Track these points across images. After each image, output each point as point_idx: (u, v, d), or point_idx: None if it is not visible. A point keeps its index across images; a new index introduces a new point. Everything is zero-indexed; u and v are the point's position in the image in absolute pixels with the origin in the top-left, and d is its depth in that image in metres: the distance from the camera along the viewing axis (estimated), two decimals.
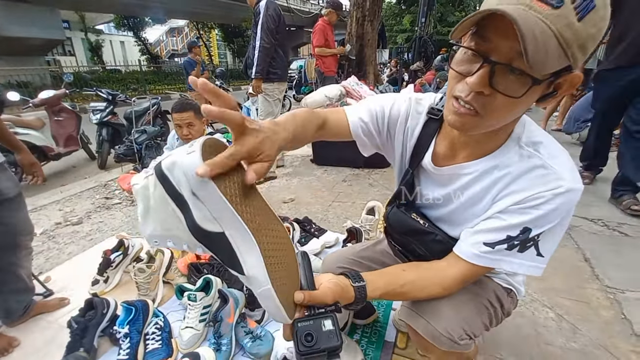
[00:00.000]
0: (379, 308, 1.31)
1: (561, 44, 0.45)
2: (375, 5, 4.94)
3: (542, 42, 0.43)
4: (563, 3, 0.43)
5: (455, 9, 14.24)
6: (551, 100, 0.54)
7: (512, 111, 0.54)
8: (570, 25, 0.44)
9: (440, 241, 0.72)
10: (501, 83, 0.49)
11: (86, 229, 2.31)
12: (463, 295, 0.72)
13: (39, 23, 11.52)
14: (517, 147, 0.62)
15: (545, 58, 0.45)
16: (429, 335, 0.69)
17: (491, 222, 0.63)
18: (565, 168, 0.59)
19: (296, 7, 23.87)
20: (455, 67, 0.54)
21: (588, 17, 0.44)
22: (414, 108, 0.75)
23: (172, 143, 2.14)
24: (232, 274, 0.51)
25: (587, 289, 1.43)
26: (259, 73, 2.68)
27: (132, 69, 15.06)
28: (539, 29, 0.43)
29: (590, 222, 1.99)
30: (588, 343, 1.16)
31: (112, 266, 1.59)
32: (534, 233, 0.60)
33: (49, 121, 3.88)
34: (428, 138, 0.73)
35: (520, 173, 0.61)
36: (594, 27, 0.45)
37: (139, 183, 0.50)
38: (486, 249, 0.63)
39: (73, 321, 1.18)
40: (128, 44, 26.63)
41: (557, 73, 0.49)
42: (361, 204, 2.35)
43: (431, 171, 0.73)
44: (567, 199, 0.57)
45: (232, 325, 1.17)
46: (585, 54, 0.47)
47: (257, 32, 2.64)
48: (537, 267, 0.63)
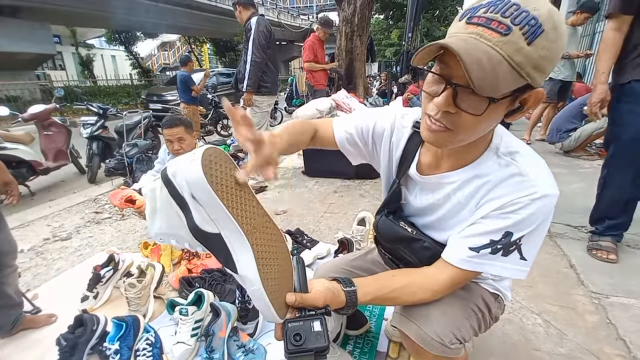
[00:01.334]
0: (370, 319, 1.32)
1: (513, 67, 0.49)
2: (363, 20, 5.09)
3: (490, 68, 0.48)
4: (511, 30, 0.48)
5: (441, 24, 14.71)
6: (519, 114, 0.59)
7: (480, 126, 0.58)
8: (520, 50, 0.48)
9: (429, 248, 0.75)
10: (464, 102, 0.54)
11: (75, 244, 2.28)
12: (452, 300, 0.74)
13: (29, 37, 11.51)
14: (495, 156, 0.66)
15: (495, 82, 0.49)
16: (420, 339, 0.71)
17: (475, 228, 0.67)
18: (540, 175, 0.63)
19: (287, 22, 24.35)
20: (425, 89, 0.60)
21: (537, 41, 0.48)
22: (399, 122, 0.80)
23: (164, 157, 2.15)
24: (225, 287, 0.55)
25: (573, 294, 1.47)
26: (250, 86, 2.74)
27: (123, 82, 15.03)
28: (487, 56, 0.48)
29: (574, 230, 2.05)
30: (575, 348, 1.19)
31: (102, 282, 1.57)
32: (515, 237, 0.63)
33: (39, 135, 3.85)
34: (413, 149, 0.77)
35: (499, 181, 0.65)
36: (545, 49, 0.49)
37: (147, 186, 0.57)
38: (472, 253, 0.66)
39: (62, 338, 1.15)
40: (119, 58, 26.64)
41: (519, 90, 0.53)
42: (352, 215, 2.38)
43: (418, 180, 0.77)
44: (543, 204, 0.61)
45: (224, 339, 1.17)
46: (544, 73, 0.52)
47: (248, 48, 2.71)
48: (521, 271, 0.66)
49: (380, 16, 16.56)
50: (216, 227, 0.53)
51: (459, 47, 0.48)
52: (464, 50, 0.48)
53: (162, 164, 2.16)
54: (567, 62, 3.83)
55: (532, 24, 0.48)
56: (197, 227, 0.53)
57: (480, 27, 0.50)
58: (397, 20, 14.46)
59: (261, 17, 2.74)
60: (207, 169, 0.50)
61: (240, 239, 0.55)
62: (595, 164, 3.41)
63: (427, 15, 13.30)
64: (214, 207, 0.52)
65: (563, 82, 3.92)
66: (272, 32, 2.78)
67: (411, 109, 0.83)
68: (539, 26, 0.48)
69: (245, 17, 2.81)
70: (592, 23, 6.57)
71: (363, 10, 5.00)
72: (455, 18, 0.57)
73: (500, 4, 0.50)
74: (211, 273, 1.59)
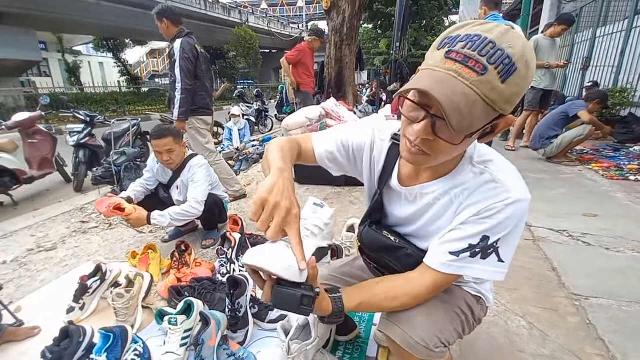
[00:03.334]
0: (360, 324, 1.34)
1: (488, 104, 0.53)
2: (352, 30, 5.18)
3: (467, 111, 0.52)
4: (487, 70, 0.51)
5: (428, 33, 15.08)
6: (490, 136, 0.63)
7: (456, 150, 0.62)
8: (495, 88, 0.52)
9: (411, 255, 0.78)
10: (442, 132, 0.57)
11: (61, 254, 2.23)
12: (435, 304, 0.77)
13: (14, 44, 11.32)
14: (470, 165, 0.70)
15: (471, 121, 0.53)
16: (405, 344, 0.73)
17: (454, 233, 0.70)
18: (512, 181, 0.67)
19: (277, 30, 24.60)
20: (405, 113, 0.62)
21: (510, 79, 0.52)
22: (377, 137, 0.84)
23: (153, 166, 2.14)
24: (215, 295, 0.58)
25: (555, 297, 1.52)
26: (182, 115, 2.53)
27: (111, 90, 14.85)
28: (465, 98, 0.51)
29: (557, 233, 2.11)
30: (557, 349, 1.22)
31: (89, 292, 1.54)
32: (492, 240, 0.67)
33: (23, 144, 3.77)
34: (393, 160, 0.81)
35: (474, 188, 0.69)
36: (517, 86, 0.53)
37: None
38: (452, 257, 0.69)
39: (47, 351, 1.13)
40: (107, 65, 26.36)
41: (492, 121, 0.57)
42: (342, 222, 2.40)
43: (398, 191, 0.80)
44: (517, 208, 0.65)
45: (214, 348, 1.16)
46: (513, 105, 0.55)
47: (176, 75, 2.50)
48: (499, 273, 0.70)
49: (368, 26, 16.89)
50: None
51: (440, 95, 0.51)
52: (445, 97, 0.51)
53: (151, 172, 2.15)
54: (547, 71, 3.98)
55: (507, 63, 0.51)
56: None
57: (458, 64, 0.52)
58: (386, 30, 14.79)
59: (185, 40, 2.53)
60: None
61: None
62: (576, 169, 3.54)
63: (415, 25, 13.65)
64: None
65: (544, 90, 4.07)
66: (199, 53, 2.61)
67: (387, 123, 0.86)
68: (513, 65, 0.51)
69: (171, 34, 2.59)
70: (571, 34, 6.86)
71: (352, 20, 5.10)
72: (434, 42, 0.60)
73: (477, 41, 0.52)
74: (201, 282, 1.58)
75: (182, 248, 1.90)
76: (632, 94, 4.75)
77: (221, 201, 2.21)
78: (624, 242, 1.97)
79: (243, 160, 4.40)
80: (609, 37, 5.53)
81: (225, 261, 1.69)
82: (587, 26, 6.53)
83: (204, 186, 1.98)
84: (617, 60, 5.24)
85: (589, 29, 6.35)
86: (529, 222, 2.25)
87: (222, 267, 1.68)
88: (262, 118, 7.74)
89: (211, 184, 2.10)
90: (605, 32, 5.68)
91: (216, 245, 2.07)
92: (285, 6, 37.29)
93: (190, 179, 1.98)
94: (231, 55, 20.15)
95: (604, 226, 2.17)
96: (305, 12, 35.33)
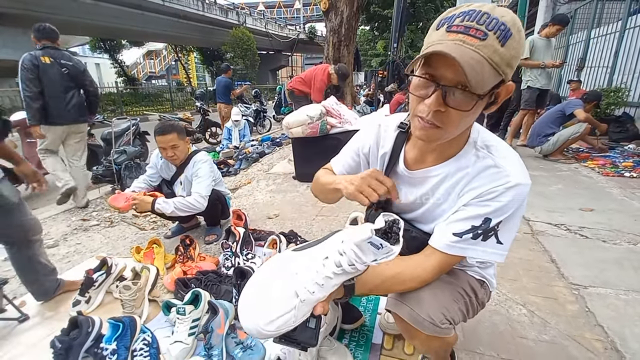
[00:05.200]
0: (365, 313, 1.36)
1: (493, 66, 0.57)
2: (350, 31, 5.23)
3: (478, 68, 0.56)
4: (487, 36, 0.56)
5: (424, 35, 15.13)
6: (494, 106, 0.66)
7: (466, 120, 0.65)
8: (497, 51, 0.57)
9: (417, 237, 0.81)
10: (453, 101, 0.61)
11: (63, 251, 2.24)
12: (441, 284, 0.80)
13: (11, 44, 11.26)
14: (474, 150, 0.74)
15: (482, 79, 0.57)
16: (413, 320, 0.76)
17: (458, 215, 0.74)
18: (513, 166, 0.71)
19: (274, 32, 24.64)
20: (414, 92, 0.66)
21: (508, 43, 0.57)
22: (382, 129, 0.88)
23: (156, 162, 2.16)
24: (221, 287, 0.57)
25: (555, 286, 1.55)
26: (31, 119, 2.72)
27: (108, 90, 14.79)
28: (474, 59, 0.56)
29: (555, 227, 2.15)
30: (557, 335, 1.25)
31: (95, 286, 1.55)
32: (494, 222, 0.70)
33: (21, 143, 3.77)
34: (399, 147, 0.85)
35: (477, 172, 0.72)
36: (514, 49, 0.58)
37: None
38: (455, 238, 0.73)
39: (57, 340, 1.14)
40: (104, 66, 26.25)
41: (496, 86, 0.62)
42: (344, 217, 2.43)
43: (406, 175, 0.84)
44: (517, 192, 0.68)
45: (222, 336, 1.18)
46: (513, 69, 0.60)
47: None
48: (498, 254, 0.73)
49: (366, 27, 16.96)
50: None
51: (455, 53, 0.55)
52: (459, 56, 0.55)
53: (154, 168, 2.16)
54: (543, 71, 4.04)
55: (503, 29, 0.56)
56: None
57: (460, 34, 0.57)
58: (383, 32, 14.85)
59: (27, 55, 2.66)
60: None
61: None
62: (572, 167, 3.59)
63: (411, 27, 13.73)
64: None
65: (540, 90, 4.13)
66: (41, 64, 2.67)
67: (392, 116, 0.91)
68: (508, 30, 0.57)
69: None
70: (566, 35, 6.96)
71: (350, 21, 5.15)
72: (431, 26, 0.64)
73: (473, 14, 0.57)
74: (206, 274, 1.60)
75: (187, 242, 1.91)
76: (626, 93, 4.83)
77: (224, 197, 2.23)
78: (620, 234, 2.01)
79: (243, 160, 4.42)
80: (603, 38, 5.62)
81: (230, 254, 1.71)
82: (582, 27, 6.63)
83: (208, 181, 2.00)
84: (611, 60, 5.33)
85: (583, 30, 6.45)
86: (528, 217, 2.29)
87: (226, 261, 1.70)
88: (260, 118, 7.77)
89: (214, 180, 2.12)
90: (599, 34, 5.78)
91: (220, 240, 2.08)
92: (283, 8, 37.41)
93: (195, 174, 2.00)
94: (228, 56, 20.12)
95: (601, 220, 2.21)
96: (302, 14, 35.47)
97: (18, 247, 1.47)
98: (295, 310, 0.62)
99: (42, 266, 1.54)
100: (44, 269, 1.55)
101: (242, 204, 2.88)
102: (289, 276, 0.65)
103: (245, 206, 2.81)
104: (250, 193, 3.20)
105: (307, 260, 0.67)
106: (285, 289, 0.64)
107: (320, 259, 0.66)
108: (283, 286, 0.64)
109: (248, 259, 1.74)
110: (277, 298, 0.63)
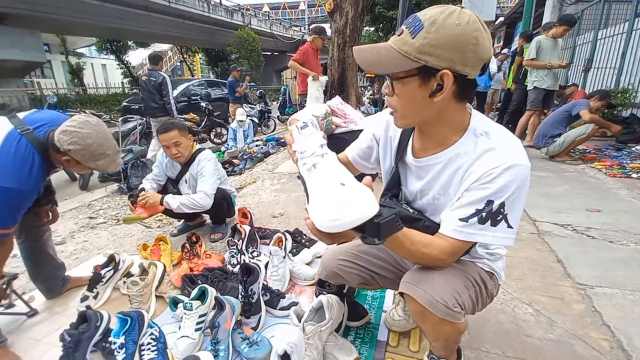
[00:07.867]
0: (370, 311, 1.36)
1: (402, 54, 0.68)
2: (355, 32, 5.24)
3: (385, 58, 0.71)
4: (402, 31, 0.69)
5: None
6: (441, 94, 0.70)
7: (412, 104, 0.74)
8: (406, 42, 0.68)
9: (429, 227, 0.83)
10: (395, 87, 0.74)
11: (70, 248, 2.26)
12: (452, 271, 0.83)
13: (19, 45, 11.41)
14: (474, 136, 0.77)
15: (390, 65, 0.71)
16: (427, 302, 0.78)
17: (461, 200, 0.75)
18: (509, 148, 0.73)
19: (279, 33, 24.73)
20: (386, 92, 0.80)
21: (419, 34, 0.67)
22: (392, 121, 0.89)
23: (162, 161, 2.18)
24: (226, 284, 0.57)
25: (561, 286, 1.54)
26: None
27: (114, 91, 14.94)
28: (384, 50, 0.71)
29: (561, 228, 2.14)
30: (563, 334, 1.25)
31: (102, 282, 1.57)
32: (496, 203, 0.71)
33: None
34: (406, 137, 0.90)
35: (476, 156, 0.75)
36: (424, 38, 0.66)
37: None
38: (461, 223, 0.74)
39: (66, 334, 1.16)
40: (110, 66, 26.50)
41: (422, 72, 0.69)
42: None
43: (412, 164, 0.88)
44: (515, 172, 0.70)
45: (229, 331, 1.20)
46: (433, 55, 0.66)
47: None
48: (508, 238, 0.74)
49: (370, 28, 16.97)
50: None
51: (359, 52, 0.75)
52: (359, 51, 0.75)
53: (160, 167, 2.18)
54: (549, 72, 4.02)
55: (416, 24, 0.67)
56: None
57: (395, 36, 0.72)
58: (387, 33, 14.84)
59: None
60: None
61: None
62: (579, 168, 3.56)
63: None
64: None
65: (547, 90, 4.11)
66: None
67: None
68: (420, 24, 0.67)
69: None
70: (573, 36, 6.91)
71: (355, 21, 5.15)
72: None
73: (410, 20, 0.70)
74: (212, 271, 1.62)
75: (193, 239, 1.93)
76: (634, 94, 4.78)
77: (229, 195, 2.24)
78: (627, 235, 2.00)
79: (247, 159, 4.44)
80: (610, 39, 5.58)
81: (236, 252, 1.72)
82: (589, 28, 6.58)
83: (213, 179, 2.01)
84: (618, 62, 5.29)
85: (590, 31, 6.40)
86: (534, 217, 2.28)
87: (232, 258, 1.71)
88: (265, 119, 7.80)
89: (219, 178, 2.14)
90: (606, 34, 5.73)
91: (225, 238, 2.10)
92: (287, 9, 37.52)
93: (200, 173, 2.02)
94: (233, 57, 20.23)
95: (607, 221, 2.20)
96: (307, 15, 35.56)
97: (27, 235, 1.48)
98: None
99: (52, 258, 1.57)
100: (52, 262, 1.57)
101: (247, 203, 2.90)
102: (307, 174, 0.80)
103: (250, 205, 2.83)
104: (255, 192, 3.22)
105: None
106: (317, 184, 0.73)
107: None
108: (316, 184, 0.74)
109: (253, 256, 1.75)
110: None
